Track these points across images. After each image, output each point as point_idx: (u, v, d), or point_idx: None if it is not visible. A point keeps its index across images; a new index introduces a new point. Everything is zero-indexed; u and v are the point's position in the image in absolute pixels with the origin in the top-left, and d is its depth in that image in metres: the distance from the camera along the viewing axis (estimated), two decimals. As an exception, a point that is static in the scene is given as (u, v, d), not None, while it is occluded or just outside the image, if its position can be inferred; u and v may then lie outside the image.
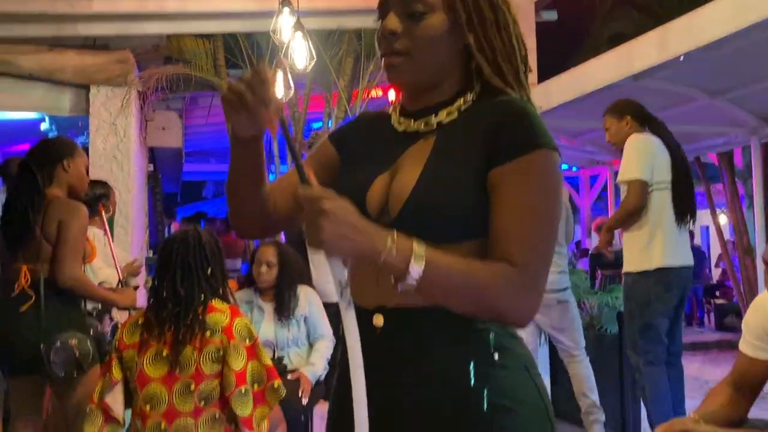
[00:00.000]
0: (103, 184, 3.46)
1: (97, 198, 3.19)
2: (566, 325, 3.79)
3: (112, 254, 3.12)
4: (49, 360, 2.40)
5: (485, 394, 0.93)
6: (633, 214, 3.18)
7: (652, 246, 3.16)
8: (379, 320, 0.95)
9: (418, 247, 0.89)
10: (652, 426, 3.14)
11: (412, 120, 1.05)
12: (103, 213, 3.14)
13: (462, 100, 1.03)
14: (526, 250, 0.93)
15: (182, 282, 2.28)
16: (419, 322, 0.96)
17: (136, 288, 3.00)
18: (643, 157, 3.17)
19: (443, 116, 1.03)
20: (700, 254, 10.94)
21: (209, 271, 2.34)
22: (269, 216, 1.08)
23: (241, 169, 1.04)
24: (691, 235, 12.17)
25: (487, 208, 0.96)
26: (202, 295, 2.28)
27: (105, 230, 3.25)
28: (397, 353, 0.95)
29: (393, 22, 1.00)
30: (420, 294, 0.90)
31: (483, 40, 1.00)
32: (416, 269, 0.88)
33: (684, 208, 3.27)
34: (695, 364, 7.00)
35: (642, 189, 3.14)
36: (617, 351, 4.14)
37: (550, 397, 1.03)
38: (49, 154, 2.60)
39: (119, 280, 2.92)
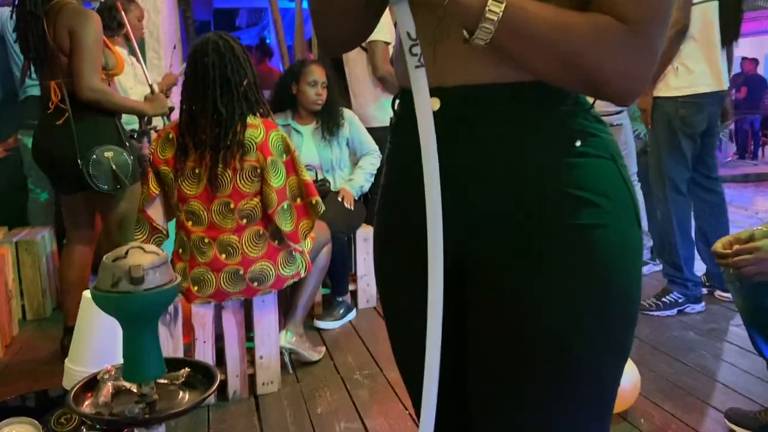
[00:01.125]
0: (127, -1, 3.24)
1: (111, 7, 2.99)
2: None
3: (144, 71, 2.98)
4: (89, 173, 2.38)
5: (563, 186, 0.78)
6: (678, 40, 2.82)
7: (687, 69, 2.89)
8: (435, 103, 0.77)
9: None
10: (681, 255, 3.05)
11: None
12: (124, 15, 2.94)
13: None
14: (641, 2, 0.72)
15: (222, 99, 2.14)
16: (483, 102, 0.79)
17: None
18: None
19: None
20: (760, 83, 10.30)
21: (245, 83, 2.19)
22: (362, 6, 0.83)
23: None
24: (756, 62, 11.36)
25: None
26: (240, 113, 2.16)
27: (134, 49, 3.08)
28: (456, 141, 0.80)
29: None
30: (495, 49, 0.73)
31: None
32: (494, 10, 0.70)
33: (728, 25, 2.91)
34: (746, 195, 6.83)
35: (685, 6, 2.76)
36: (669, 178, 3.99)
37: None
38: None
39: (150, 88, 2.78)
